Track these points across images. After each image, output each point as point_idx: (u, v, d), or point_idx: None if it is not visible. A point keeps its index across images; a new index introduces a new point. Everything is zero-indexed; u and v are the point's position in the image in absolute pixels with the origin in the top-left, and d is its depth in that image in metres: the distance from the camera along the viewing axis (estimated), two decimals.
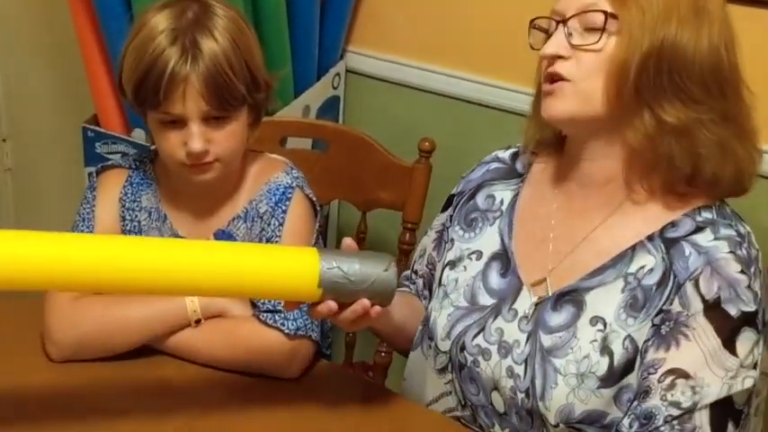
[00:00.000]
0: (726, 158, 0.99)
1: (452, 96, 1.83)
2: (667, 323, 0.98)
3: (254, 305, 1.17)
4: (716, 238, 0.99)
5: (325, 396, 1.14)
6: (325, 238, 2.00)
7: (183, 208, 1.23)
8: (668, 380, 0.96)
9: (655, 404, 0.97)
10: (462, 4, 1.79)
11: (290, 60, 1.80)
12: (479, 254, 1.13)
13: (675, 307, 0.98)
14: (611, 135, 1.01)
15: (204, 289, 0.95)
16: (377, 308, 0.98)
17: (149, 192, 1.23)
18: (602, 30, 0.97)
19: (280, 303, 1.14)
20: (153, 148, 1.22)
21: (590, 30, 0.98)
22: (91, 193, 1.23)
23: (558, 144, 1.11)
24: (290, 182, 1.22)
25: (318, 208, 1.24)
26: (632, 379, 0.99)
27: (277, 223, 1.18)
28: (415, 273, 1.27)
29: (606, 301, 1.01)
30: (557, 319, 1.03)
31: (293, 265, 0.96)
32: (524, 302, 1.06)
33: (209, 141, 1.12)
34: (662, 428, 0.96)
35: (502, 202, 1.15)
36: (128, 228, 1.22)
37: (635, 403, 0.98)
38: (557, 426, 1.00)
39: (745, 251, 0.99)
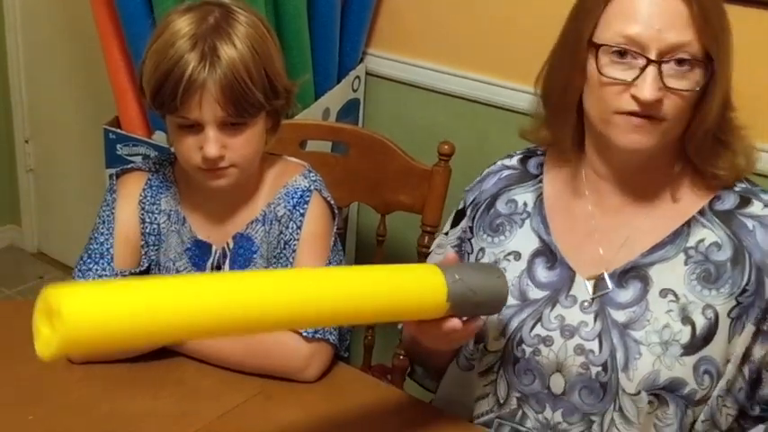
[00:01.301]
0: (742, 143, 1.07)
1: (472, 99, 1.83)
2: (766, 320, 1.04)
3: None
4: (765, 206, 1.06)
5: (343, 399, 1.14)
6: (344, 240, 2.00)
7: (202, 211, 1.23)
8: None
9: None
10: (482, 7, 1.79)
11: (310, 64, 1.81)
12: (517, 254, 1.14)
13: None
14: (669, 150, 1.06)
15: (340, 317, 0.92)
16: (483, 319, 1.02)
17: (168, 195, 1.24)
18: (702, 71, 0.99)
19: None
20: (173, 150, 1.23)
21: (681, 69, 0.99)
22: (111, 196, 1.23)
23: (574, 143, 1.12)
24: (307, 185, 1.22)
25: (336, 211, 1.24)
26: (712, 351, 1.03)
27: (295, 226, 1.19)
28: None
29: (671, 274, 1.05)
30: (624, 295, 1.06)
31: (421, 282, 0.94)
32: (581, 288, 1.09)
33: (225, 147, 1.12)
34: None
35: (525, 204, 1.16)
36: (147, 230, 1.22)
37: (748, 388, 1.06)
38: (637, 394, 1.03)
39: None
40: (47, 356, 0.73)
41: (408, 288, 0.94)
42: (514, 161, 1.21)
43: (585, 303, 1.08)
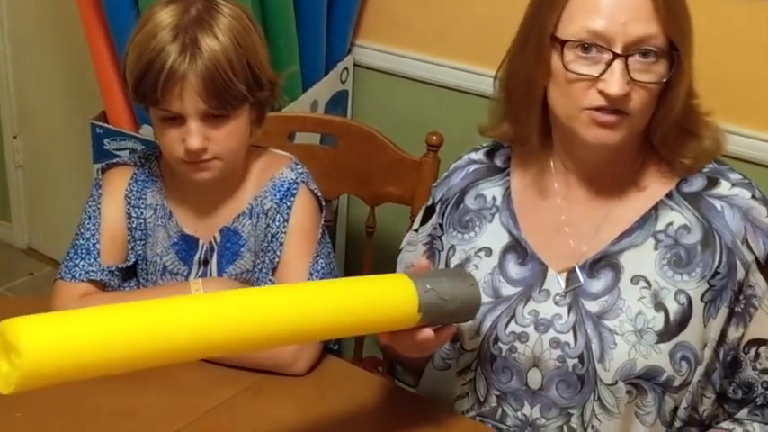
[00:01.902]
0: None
1: (460, 90, 1.82)
2: (741, 299, 1.04)
3: None
4: (733, 185, 1.06)
5: (334, 392, 1.14)
6: (333, 233, 1.99)
7: (189, 205, 1.22)
8: (752, 351, 1.05)
9: (749, 374, 1.06)
10: None
11: (297, 55, 1.80)
12: (488, 250, 1.13)
13: (745, 282, 1.04)
14: (636, 140, 1.06)
15: (311, 335, 0.91)
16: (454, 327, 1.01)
17: (155, 189, 1.23)
18: (666, 62, 0.98)
19: None
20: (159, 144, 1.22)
21: (647, 62, 0.98)
22: (96, 191, 1.23)
23: (540, 137, 1.10)
24: (294, 177, 1.21)
25: (323, 203, 1.24)
26: (687, 336, 1.03)
27: (282, 219, 1.18)
28: None
29: (641, 260, 1.05)
30: (596, 285, 1.06)
31: (392, 294, 0.94)
32: (554, 282, 1.08)
33: (208, 139, 1.11)
34: (764, 393, 1.07)
35: (494, 198, 1.15)
36: (133, 225, 1.21)
37: (729, 372, 1.06)
38: (614, 384, 1.03)
39: (758, 190, 1.07)
40: (7, 392, 0.72)
41: (380, 300, 0.93)
42: (480, 155, 1.20)
43: (558, 297, 1.07)
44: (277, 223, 1.18)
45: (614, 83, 0.96)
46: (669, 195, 1.07)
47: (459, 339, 1.12)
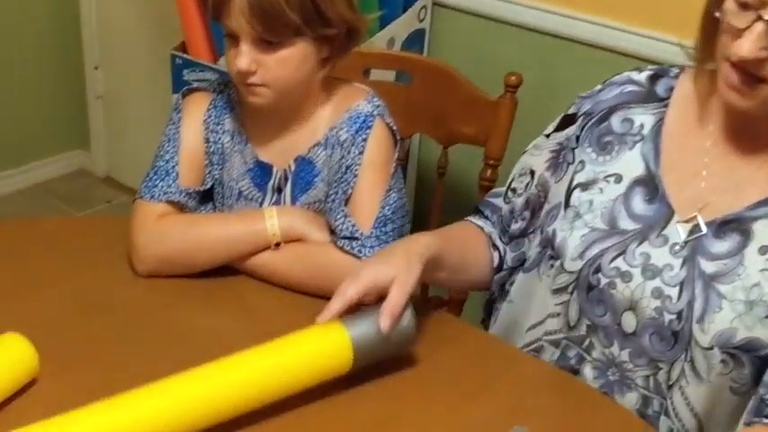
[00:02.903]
0: None
1: (540, 31, 1.78)
2: None
3: (332, 231, 1.18)
4: None
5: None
6: (404, 173, 1.99)
7: (264, 132, 1.23)
8: None
9: None
10: None
11: None
12: (618, 177, 1.08)
13: None
14: None
15: (256, 402, 0.93)
16: None
17: (232, 115, 1.24)
18: None
19: (357, 230, 1.15)
20: None
21: None
22: (176, 115, 1.25)
23: (711, 73, 1.04)
24: (371, 110, 1.21)
25: (398, 137, 1.23)
26: None
27: (357, 152, 1.18)
28: (513, 191, 1.22)
29: None
30: (720, 246, 1.01)
31: (327, 349, 0.95)
32: (675, 230, 1.03)
33: (259, 64, 1.12)
34: None
35: (642, 126, 1.09)
36: (211, 150, 1.24)
37: None
38: (709, 348, 0.99)
39: None
40: None
41: (315, 358, 0.95)
42: (643, 77, 1.13)
43: (677, 247, 1.02)
44: (352, 155, 1.19)
45: (745, 43, 0.91)
46: None
47: (560, 257, 1.09)
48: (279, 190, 1.24)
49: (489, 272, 1.21)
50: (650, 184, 1.06)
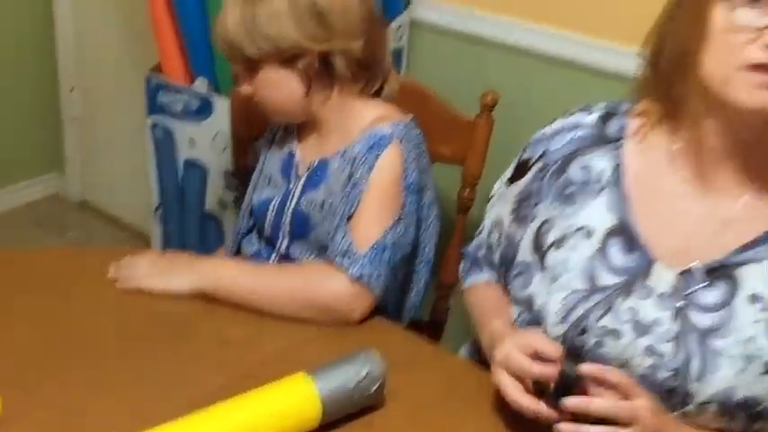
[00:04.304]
0: None
1: (517, 50, 1.78)
2: None
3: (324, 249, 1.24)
4: None
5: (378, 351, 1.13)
6: None
7: (306, 134, 1.36)
8: None
9: None
10: None
11: None
12: (589, 231, 1.02)
13: None
14: None
15: None
16: None
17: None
18: None
19: (353, 248, 1.18)
20: None
21: None
22: None
23: (675, 108, 0.99)
24: (389, 131, 1.24)
25: (415, 170, 1.26)
26: None
27: (366, 168, 1.21)
28: (489, 247, 1.20)
29: (763, 277, 0.94)
30: (709, 296, 0.95)
31: (296, 404, 0.95)
32: (660, 279, 0.97)
33: (252, 86, 1.28)
34: None
35: (602, 172, 1.04)
36: (267, 137, 1.42)
37: None
38: (706, 403, 0.94)
39: None
40: None
41: (284, 414, 0.94)
42: (593, 119, 1.07)
43: (665, 298, 0.96)
44: (360, 172, 1.22)
45: None
46: None
47: (540, 322, 1.02)
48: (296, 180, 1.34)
49: None
50: (625, 234, 1.00)
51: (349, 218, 1.21)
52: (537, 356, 0.94)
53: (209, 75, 1.81)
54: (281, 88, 1.26)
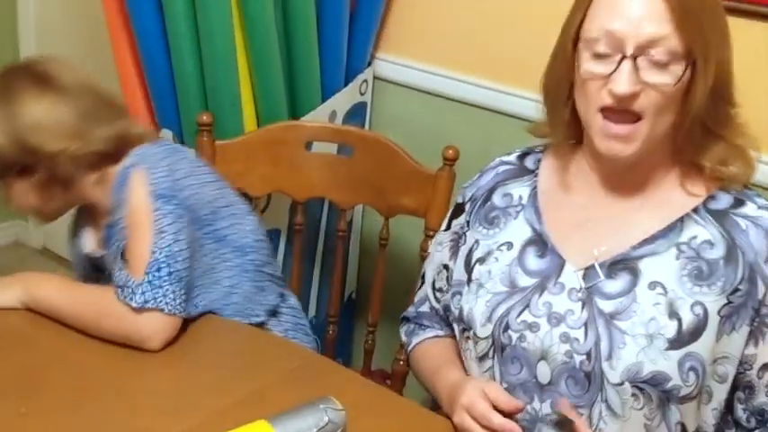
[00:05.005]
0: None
1: (477, 105, 1.83)
2: (757, 318, 1.04)
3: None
4: (759, 208, 1.07)
5: (342, 403, 1.13)
6: (348, 243, 2.00)
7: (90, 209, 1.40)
8: (766, 377, 1.06)
9: (763, 401, 1.06)
10: (490, 15, 1.79)
11: (318, 66, 1.81)
12: (510, 244, 1.16)
13: (764, 301, 1.04)
14: (660, 144, 1.06)
15: None
16: None
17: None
18: (680, 65, 0.99)
19: (130, 279, 1.20)
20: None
21: (657, 63, 0.99)
22: None
23: (566, 138, 1.15)
24: (128, 164, 1.27)
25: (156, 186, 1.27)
26: (698, 348, 1.03)
27: (123, 207, 1.24)
28: (440, 291, 1.28)
29: (662, 268, 1.06)
30: (613, 286, 1.07)
31: None
32: (570, 276, 1.10)
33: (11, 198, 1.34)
34: None
35: (521, 197, 1.19)
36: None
37: (742, 396, 1.07)
38: (620, 384, 1.03)
39: None
40: None
41: None
42: (512, 157, 1.24)
43: (574, 292, 1.08)
44: (121, 212, 1.25)
45: (622, 81, 0.99)
46: (695, 210, 1.08)
47: (471, 327, 1.14)
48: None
49: None
50: (539, 242, 1.14)
51: (122, 254, 1.24)
52: (493, 407, 1.03)
53: (174, 126, 1.83)
54: (26, 199, 1.32)
